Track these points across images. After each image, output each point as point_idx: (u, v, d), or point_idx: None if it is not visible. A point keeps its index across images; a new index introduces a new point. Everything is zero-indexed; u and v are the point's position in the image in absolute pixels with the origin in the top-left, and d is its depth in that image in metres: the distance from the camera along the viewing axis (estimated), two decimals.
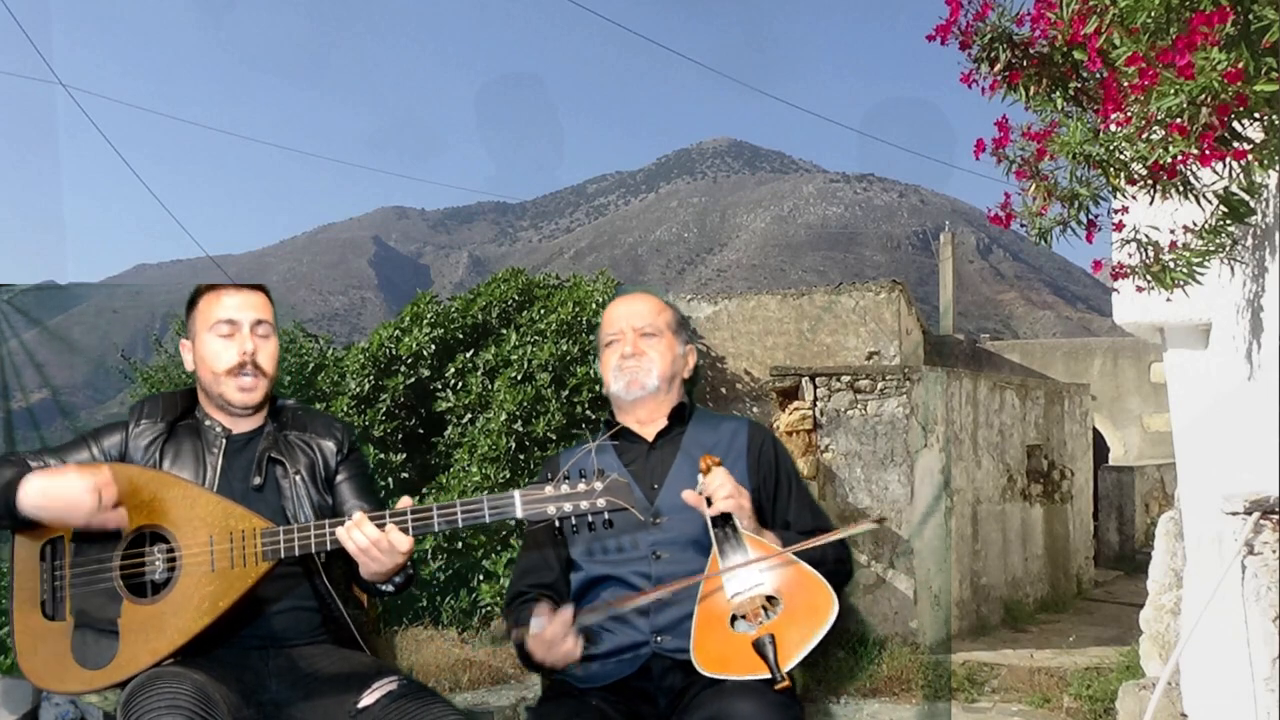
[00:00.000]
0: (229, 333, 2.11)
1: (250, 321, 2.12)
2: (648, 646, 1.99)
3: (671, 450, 2.16)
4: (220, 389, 2.11)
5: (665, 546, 2.05)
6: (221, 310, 2.12)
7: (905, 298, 8.99)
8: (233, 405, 2.12)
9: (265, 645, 2.01)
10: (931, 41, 1.65)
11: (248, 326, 2.12)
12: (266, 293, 2.21)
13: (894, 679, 5.35)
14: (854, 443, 6.30)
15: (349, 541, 1.85)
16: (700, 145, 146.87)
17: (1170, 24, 1.45)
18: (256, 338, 2.12)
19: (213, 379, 2.11)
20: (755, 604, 1.85)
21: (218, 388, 2.11)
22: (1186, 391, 2.82)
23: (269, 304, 2.19)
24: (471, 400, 7.39)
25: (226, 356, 2.09)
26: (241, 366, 2.09)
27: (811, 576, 1.87)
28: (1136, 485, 10.10)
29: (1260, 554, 2.04)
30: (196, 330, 2.14)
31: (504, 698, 4.92)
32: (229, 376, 2.10)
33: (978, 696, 5.26)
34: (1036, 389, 7.85)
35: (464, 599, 6.57)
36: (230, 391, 2.10)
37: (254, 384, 2.11)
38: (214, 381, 2.11)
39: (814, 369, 6.70)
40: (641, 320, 2.22)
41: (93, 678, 1.90)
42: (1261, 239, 2.06)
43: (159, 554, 1.93)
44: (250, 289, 2.18)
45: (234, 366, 2.09)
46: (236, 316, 2.11)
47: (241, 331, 2.11)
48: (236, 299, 2.14)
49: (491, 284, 8.51)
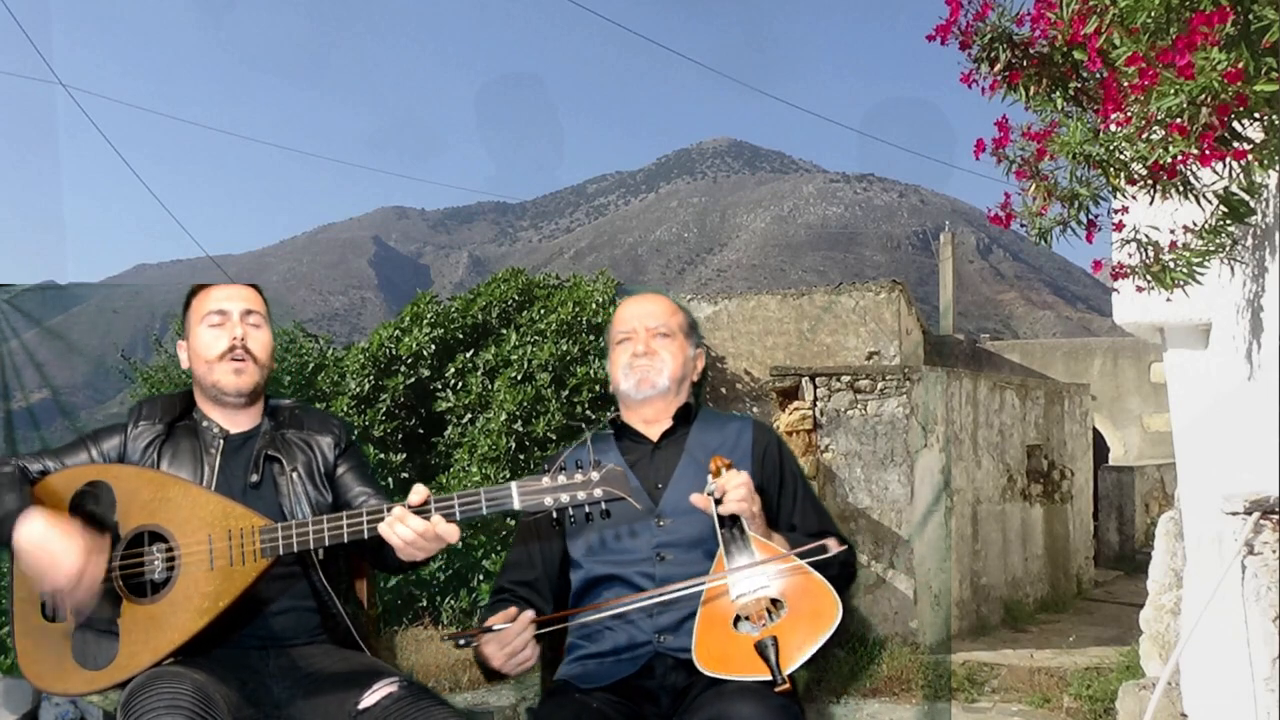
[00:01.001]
0: (219, 322, 2.14)
1: (240, 310, 2.16)
2: (650, 646, 1.99)
3: (676, 450, 2.16)
4: (213, 377, 2.13)
5: (670, 548, 2.04)
6: (211, 303, 2.16)
7: (905, 298, 8.99)
8: (226, 393, 2.13)
9: (265, 645, 2.01)
10: (931, 41, 1.65)
11: (237, 314, 2.15)
12: (259, 291, 2.25)
13: (894, 679, 5.35)
14: (854, 443, 6.30)
15: (393, 536, 1.84)
16: (700, 145, 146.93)
17: (1170, 24, 1.45)
18: (247, 325, 2.15)
19: (206, 368, 2.13)
20: (760, 606, 1.85)
21: (210, 376, 2.13)
22: (1186, 391, 2.82)
23: (260, 299, 2.23)
24: (471, 400, 7.39)
25: (217, 344, 2.12)
26: (232, 349, 2.12)
27: (817, 582, 1.87)
28: (1136, 485, 10.10)
29: (1260, 554, 2.04)
30: (190, 327, 2.17)
31: (504, 698, 4.92)
32: (220, 362, 2.12)
33: (978, 696, 5.26)
34: (1036, 389, 7.86)
35: (464, 599, 6.57)
36: (223, 377, 2.12)
37: (245, 367, 2.13)
38: (207, 371, 2.13)
39: (814, 369, 6.70)
40: (655, 320, 2.21)
41: (93, 678, 1.90)
42: (1261, 239, 2.06)
43: (158, 553, 1.93)
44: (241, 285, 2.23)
45: (224, 351, 2.12)
46: (226, 306, 2.15)
47: (231, 319, 2.15)
48: (226, 291, 2.19)
49: (491, 284, 8.52)
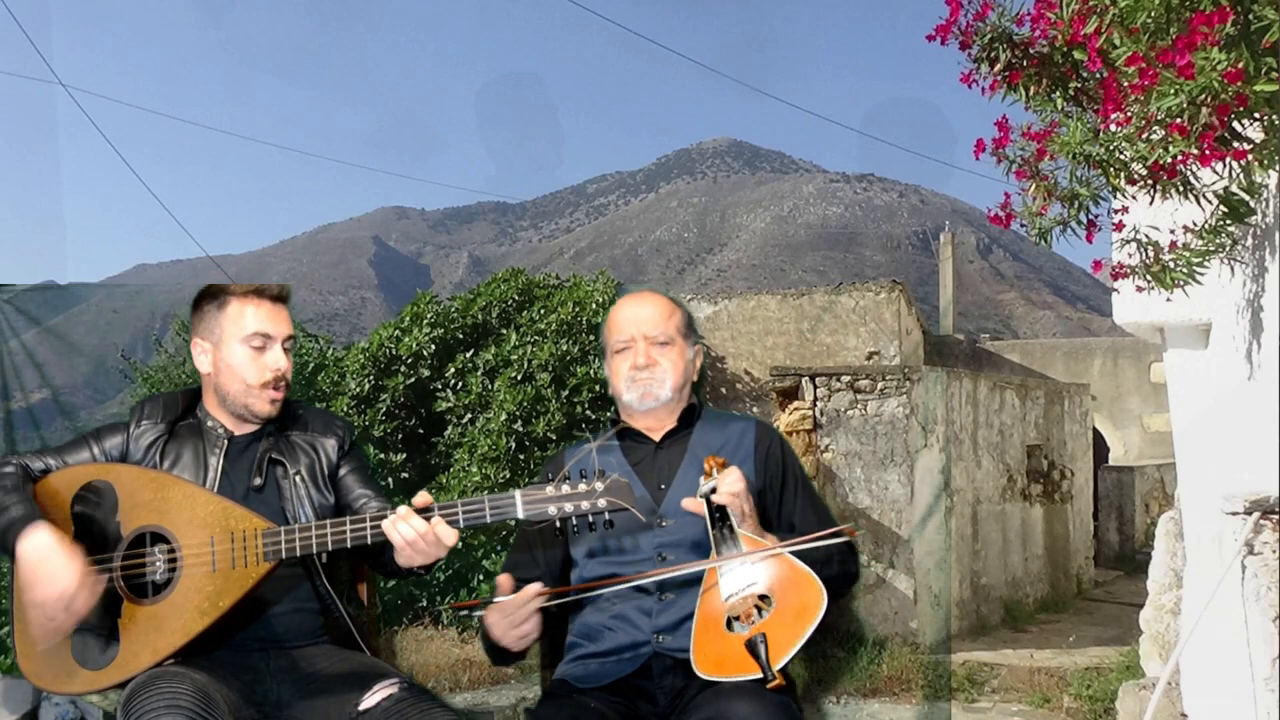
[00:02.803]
0: (261, 345, 2.11)
1: (283, 336, 2.14)
2: (648, 646, 1.99)
3: (679, 451, 2.15)
4: (248, 400, 2.11)
5: (671, 548, 2.04)
6: (254, 322, 2.11)
7: (905, 298, 8.99)
8: (258, 416, 2.13)
9: (266, 646, 2.02)
10: (931, 41, 1.65)
11: (280, 341, 2.13)
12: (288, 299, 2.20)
13: (894, 679, 5.35)
14: (854, 443, 6.30)
15: (395, 534, 1.85)
16: (700, 145, 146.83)
17: (1170, 24, 1.45)
18: (284, 351, 2.14)
19: (243, 390, 2.11)
20: (749, 604, 1.86)
21: (245, 399, 2.11)
22: (1186, 391, 2.82)
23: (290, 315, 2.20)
24: (471, 400, 7.39)
25: (260, 371, 2.10)
26: (276, 381, 2.11)
27: (803, 573, 1.87)
28: (1136, 485, 10.10)
29: (1260, 554, 2.05)
30: (223, 336, 2.11)
31: (504, 698, 4.92)
32: (259, 389, 2.10)
33: (978, 696, 5.26)
34: (1036, 389, 7.86)
35: (464, 599, 6.57)
36: (259, 404, 2.11)
37: (280, 396, 2.14)
38: (243, 393, 2.11)
39: (814, 369, 6.71)
40: (654, 328, 2.15)
41: (93, 678, 1.90)
42: (1261, 239, 2.06)
43: (159, 554, 1.93)
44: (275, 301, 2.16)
45: (268, 381, 2.10)
46: (272, 331, 2.12)
47: (275, 347, 2.12)
48: (269, 310, 2.13)
49: (491, 284, 8.52)
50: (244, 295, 2.13)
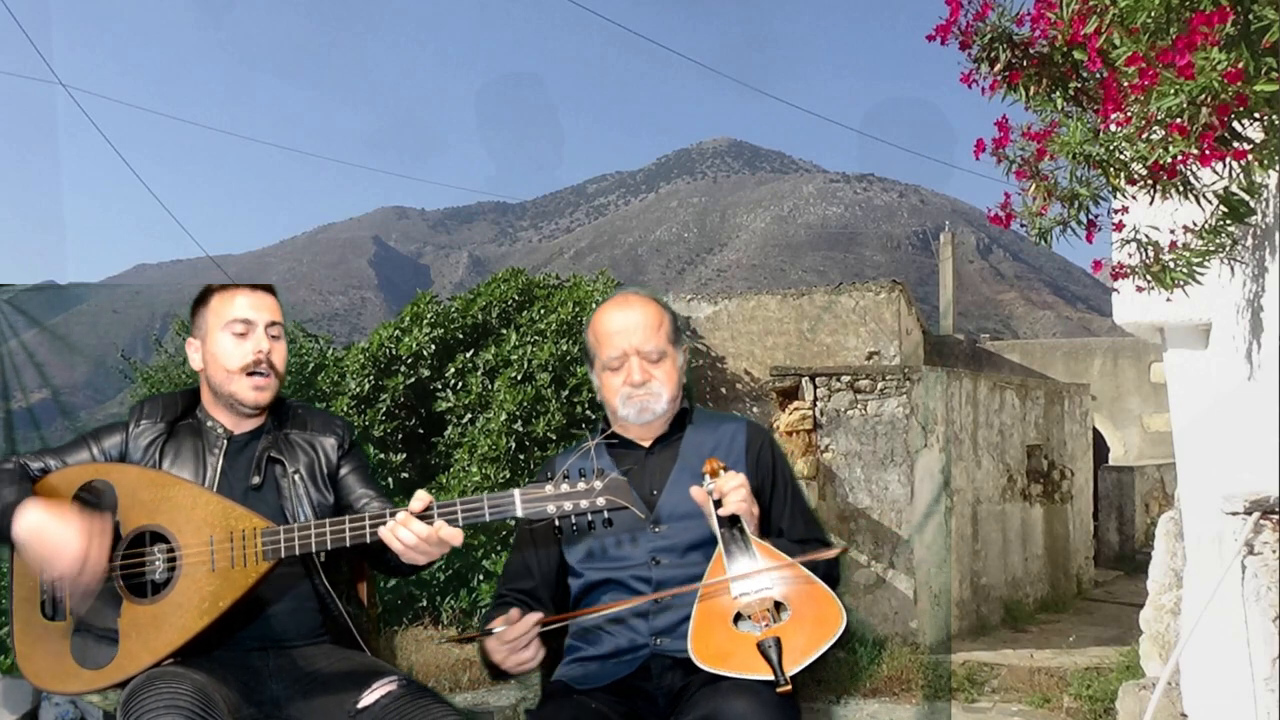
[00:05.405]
0: (243, 331, 2.11)
1: (265, 322, 2.13)
2: (647, 648, 1.99)
3: (670, 455, 2.14)
4: (232, 388, 2.11)
5: (665, 552, 2.04)
6: (236, 309, 2.12)
7: (905, 298, 9.00)
8: (244, 405, 2.12)
9: (265, 646, 2.01)
10: (931, 41, 1.65)
11: (262, 326, 2.12)
12: (275, 294, 2.22)
13: (894, 679, 5.35)
14: (854, 443, 6.30)
15: (395, 541, 1.84)
16: (700, 145, 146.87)
17: (1170, 24, 1.45)
18: (270, 338, 2.13)
19: (225, 377, 2.11)
20: (763, 606, 1.84)
21: (229, 386, 2.11)
22: (1186, 391, 2.82)
23: (279, 306, 2.20)
24: (471, 400, 7.39)
25: (241, 355, 2.10)
26: (256, 364, 2.10)
27: (822, 590, 1.86)
28: (1136, 485, 10.10)
29: (1260, 554, 2.04)
30: (208, 329, 2.13)
31: (504, 698, 4.92)
32: (243, 375, 2.10)
33: (978, 696, 5.27)
34: (1036, 389, 7.86)
35: (464, 599, 6.57)
36: (243, 390, 2.10)
37: (266, 383, 2.12)
38: (226, 380, 2.11)
39: (814, 369, 6.71)
40: (647, 343, 2.10)
41: (93, 678, 1.90)
42: (1261, 239, 2.06)
43: (159, 554, 1.93)
44: (261, 290, 2.18)
45: (249, 364, 2.10)
46: (252, 316, 2.12)
47: (256, 331, 2.12)
48: (251, 299, 2.14)
49: (491, 284, 8.52)
50: (225, 288, 2.17)
